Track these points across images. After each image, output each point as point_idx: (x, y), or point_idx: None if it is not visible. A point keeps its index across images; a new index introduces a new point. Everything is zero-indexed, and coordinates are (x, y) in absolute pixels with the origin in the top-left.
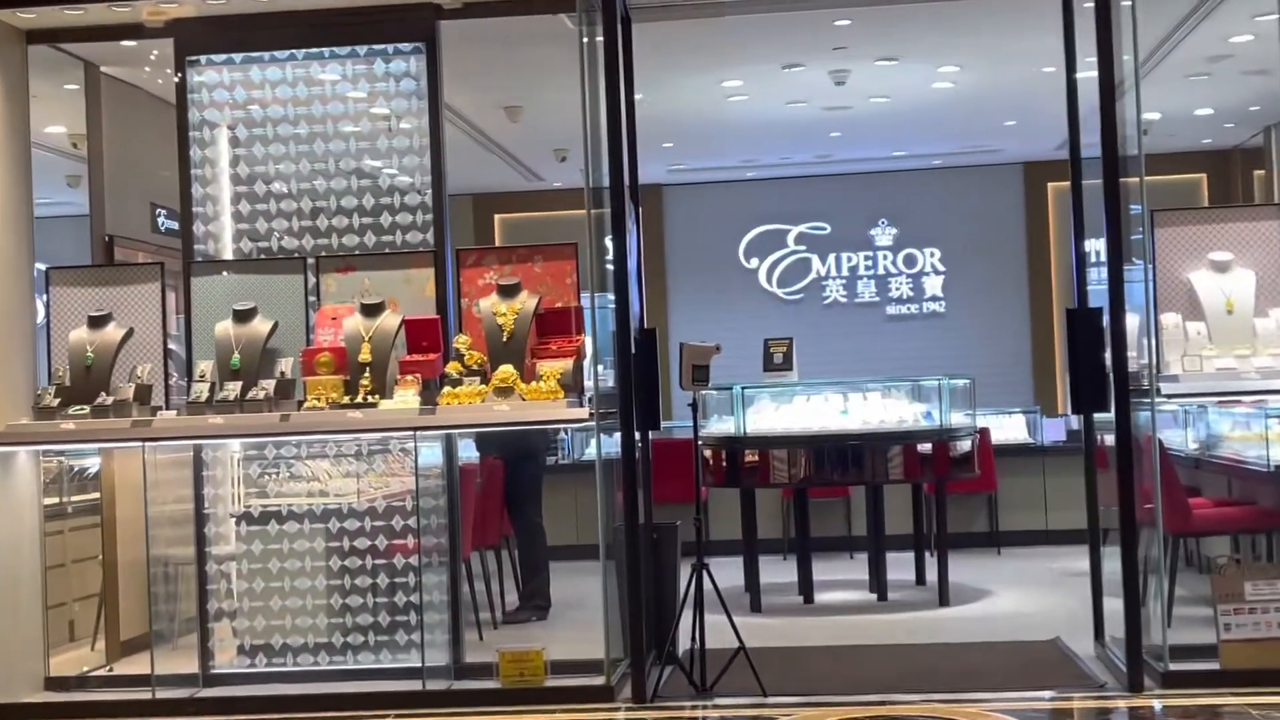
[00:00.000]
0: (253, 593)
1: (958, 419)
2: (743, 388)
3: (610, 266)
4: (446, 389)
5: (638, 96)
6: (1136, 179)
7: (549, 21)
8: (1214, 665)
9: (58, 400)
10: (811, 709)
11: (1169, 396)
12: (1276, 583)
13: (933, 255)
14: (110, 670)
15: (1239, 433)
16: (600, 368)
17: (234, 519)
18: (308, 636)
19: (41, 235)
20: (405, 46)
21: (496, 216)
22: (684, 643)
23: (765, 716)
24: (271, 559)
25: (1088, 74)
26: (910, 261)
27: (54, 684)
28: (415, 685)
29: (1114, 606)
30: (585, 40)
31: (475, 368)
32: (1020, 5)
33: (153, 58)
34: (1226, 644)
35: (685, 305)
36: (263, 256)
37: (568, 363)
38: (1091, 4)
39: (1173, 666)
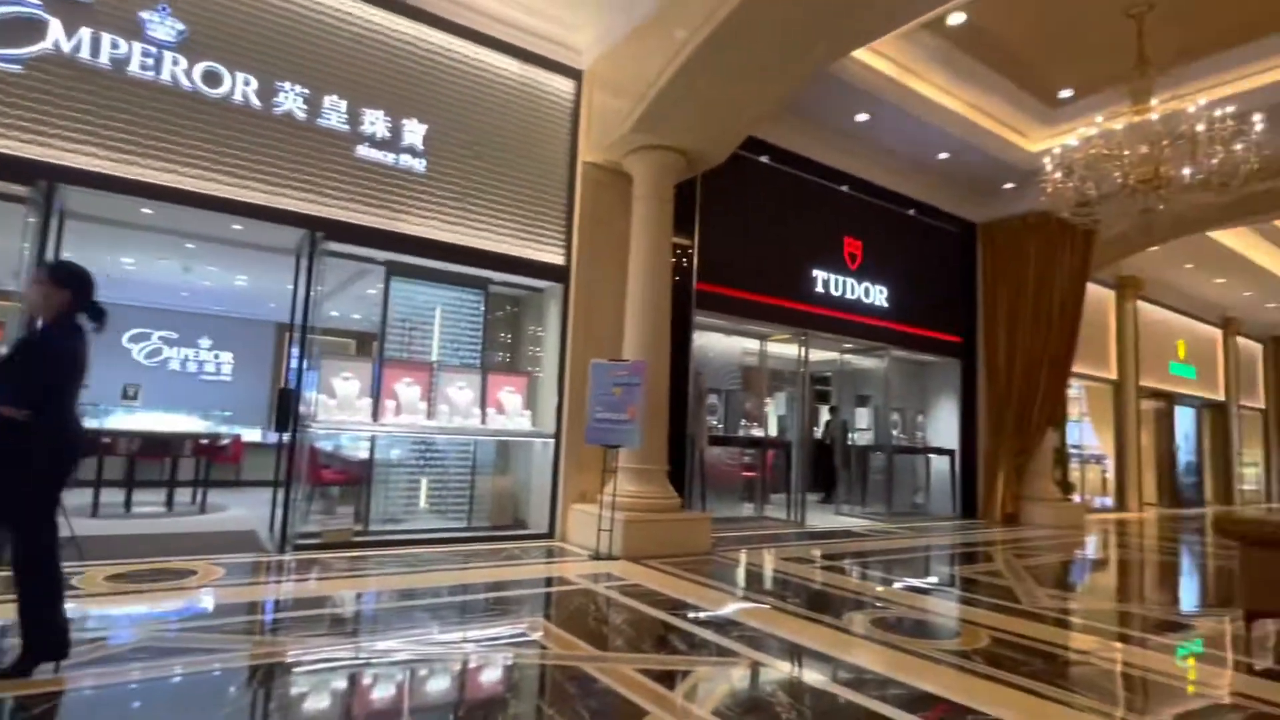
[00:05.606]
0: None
1: (225, 429)
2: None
3: None
4: None
5: None
6: (313, 335)
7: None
8: (320, 541)
9: None
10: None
11: (319, 425)
12: (344, 511)
13: (224, 361)
14: None
15: (347, 446)
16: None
17: None
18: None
19: None
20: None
21: None
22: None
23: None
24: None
25: (303, 291)
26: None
27: None
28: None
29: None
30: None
31: None
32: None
33: None
34: (325, 531)
35: None
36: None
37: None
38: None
39: (298, 542)
